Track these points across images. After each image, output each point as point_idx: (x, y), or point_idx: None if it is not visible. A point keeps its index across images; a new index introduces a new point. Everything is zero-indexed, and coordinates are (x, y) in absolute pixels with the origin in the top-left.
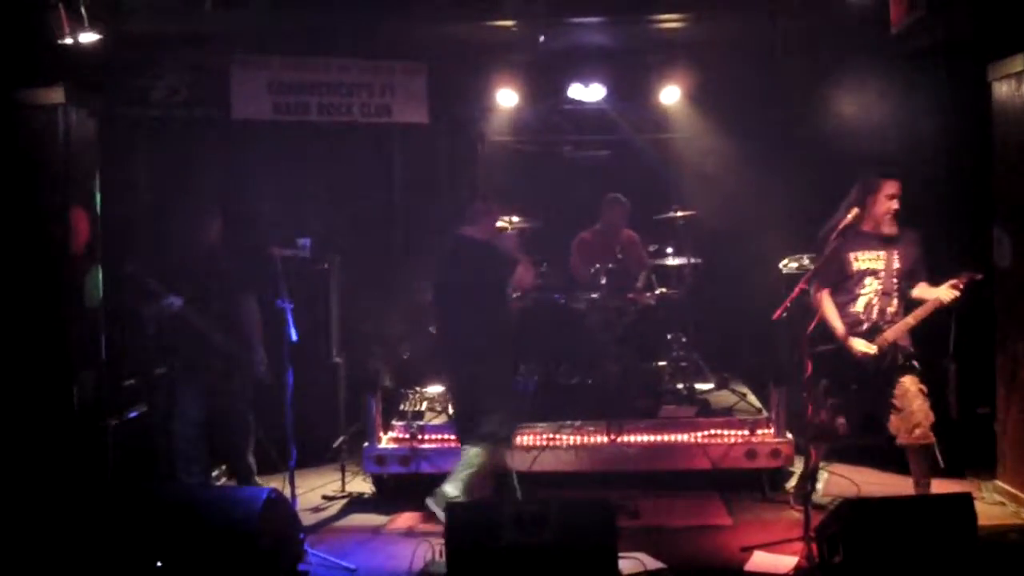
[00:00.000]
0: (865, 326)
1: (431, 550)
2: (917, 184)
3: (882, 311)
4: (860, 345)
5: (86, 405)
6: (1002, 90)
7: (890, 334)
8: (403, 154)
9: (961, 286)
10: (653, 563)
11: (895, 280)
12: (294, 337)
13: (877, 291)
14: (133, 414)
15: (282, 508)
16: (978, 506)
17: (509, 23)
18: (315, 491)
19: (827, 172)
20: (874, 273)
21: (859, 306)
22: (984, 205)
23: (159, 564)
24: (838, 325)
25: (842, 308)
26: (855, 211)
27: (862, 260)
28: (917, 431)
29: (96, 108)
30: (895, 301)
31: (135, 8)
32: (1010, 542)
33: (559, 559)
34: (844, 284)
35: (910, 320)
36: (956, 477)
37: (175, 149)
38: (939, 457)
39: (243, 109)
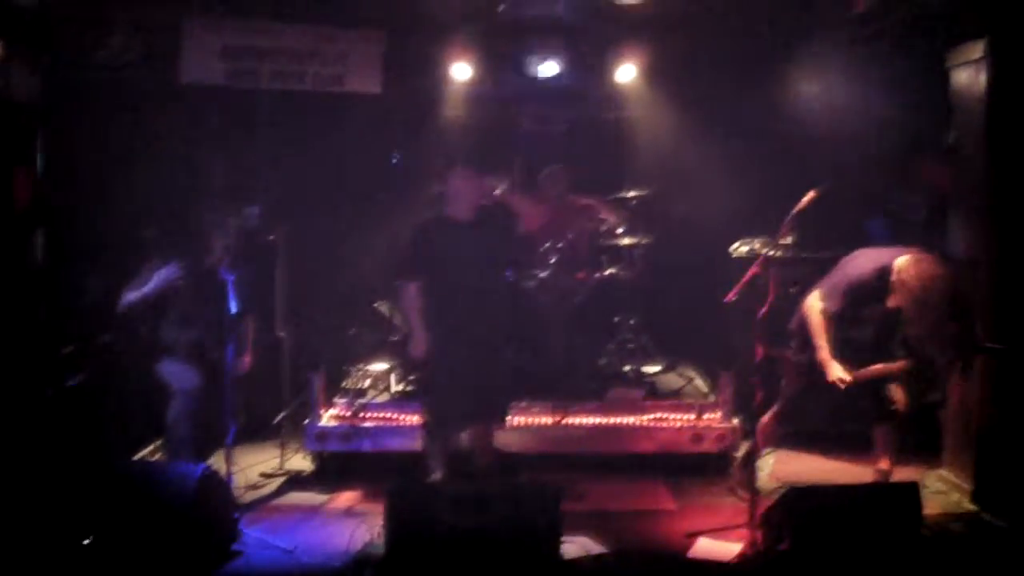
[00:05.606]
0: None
1: (370, 531)
2: (877, 171)
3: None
4: (837, 371)
5: (22, 372)
6: (960, 77)
7: (875, 370)
8: (357, 126)
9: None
10: (596, 547)
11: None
12: (234, 308)
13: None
14: (72, 383)
15: (217, 486)
16: (923, 495)
17: None
18: (253, 468)
19: (784, 155)
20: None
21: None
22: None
23: (87, 541)
24: (823, 344)
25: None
26: (812, 193)
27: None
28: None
29: (39, 66)
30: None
31: None
32: (953, 531)
33: (500, 543)
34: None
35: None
36: (903, 464)
37: (123, 111)
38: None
39: (193, 73)
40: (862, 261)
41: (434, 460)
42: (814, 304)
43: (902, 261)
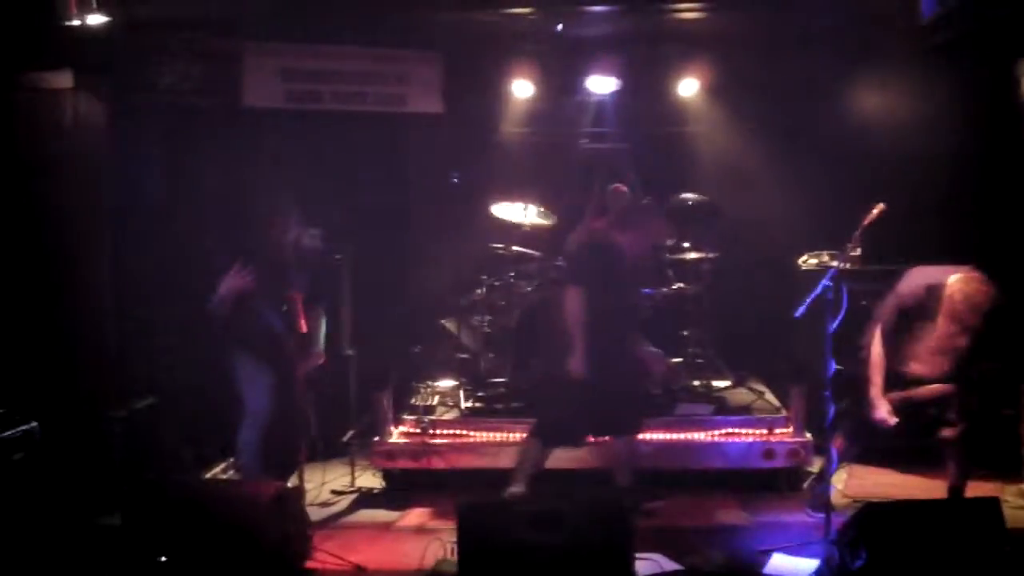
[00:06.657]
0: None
1: (442, 548)
2: (943, 182)
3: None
4: (883, 411)
5: (90, 395)
6: None
7: (922, 392)
8: (416, 145)
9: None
10: (670, 564)
11: None
12: (303, 329)
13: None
14: (140, 405)
15: (290, 504)
16: (1003, 510)
17: (526, 11)
18: (324, 486)
19: (849, 168)
20: None
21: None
22: (1015, 203)
23: (163, 559)
24: (876, 381)
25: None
26: (880, 206)
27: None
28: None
29: (105, 93)
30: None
31: None
32: None
33: (572, 559)
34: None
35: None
36: (980, 480)
37: (184, 137)
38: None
39: (254, 97)
40: (914, 278)
41: (522, 474)
42: (874, 342)
43: (954, 280)
